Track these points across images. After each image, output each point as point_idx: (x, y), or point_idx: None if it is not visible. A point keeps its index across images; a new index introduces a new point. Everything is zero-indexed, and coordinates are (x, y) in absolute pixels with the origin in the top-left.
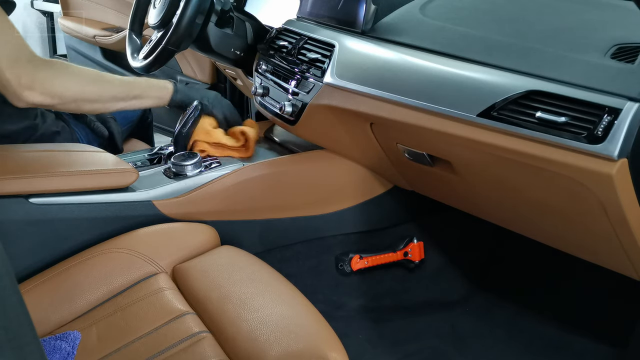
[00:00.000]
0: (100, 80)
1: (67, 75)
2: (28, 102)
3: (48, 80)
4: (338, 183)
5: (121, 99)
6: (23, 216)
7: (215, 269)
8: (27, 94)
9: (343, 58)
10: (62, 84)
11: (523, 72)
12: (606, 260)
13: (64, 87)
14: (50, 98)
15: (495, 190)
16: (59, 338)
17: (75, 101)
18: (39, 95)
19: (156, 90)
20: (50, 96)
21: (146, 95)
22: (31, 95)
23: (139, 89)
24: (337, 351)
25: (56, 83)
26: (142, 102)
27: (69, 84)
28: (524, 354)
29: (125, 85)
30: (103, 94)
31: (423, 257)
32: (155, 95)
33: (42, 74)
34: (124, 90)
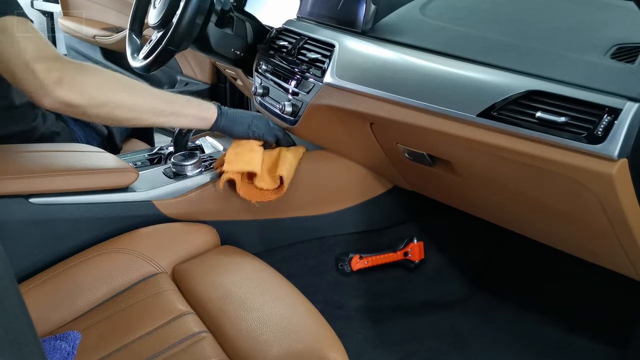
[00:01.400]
0: (135, 87)
1: (99, 76)
2: (56, 98)
3: (78, 76)
4: (338, 183)
5: (160, 112)
6: (23, 216)
7: (215, 269)
8: (56, 89)
9: (343, 58)
10: (93, 83)
11: (523, 72)
12: (606, 260)
13: (95, 87)
14: (79, 96)
15: (495, 190)
16: (59, 338)
17: (107, 104)
18: (68, 91)
19: (197, 109)
20: (80, 94)
21: (185, 112)
22: (60, 91)
23: (178, 105)
24: (337, 351)
25: (86, 81)
26: (180, 120)
27: (100, 84)
28: (524, 353)
29: (163, 98)
30: (138, 103)
31: (423, 257)
32: (195, 115)
33: (72, 71)
34: (162, 103)
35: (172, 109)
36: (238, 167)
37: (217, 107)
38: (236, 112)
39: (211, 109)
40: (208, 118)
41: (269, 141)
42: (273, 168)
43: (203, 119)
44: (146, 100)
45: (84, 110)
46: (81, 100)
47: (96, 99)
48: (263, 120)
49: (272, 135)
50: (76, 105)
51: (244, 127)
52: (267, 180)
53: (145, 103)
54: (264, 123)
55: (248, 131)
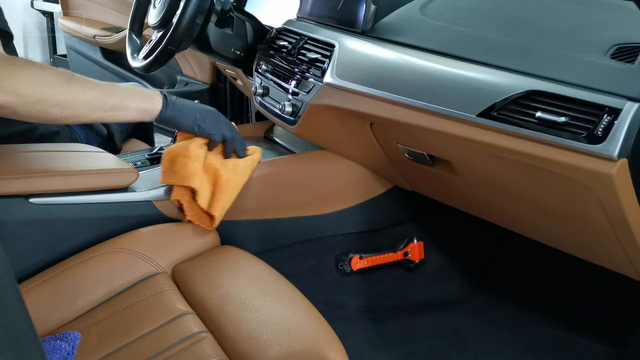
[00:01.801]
0: (70, 81)
1: (30, 72)
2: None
3: (6, 74)
4: (338, 183)
5: (97, 106)
6: (23, 216)
7: (215, 269)
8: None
9: (343, 58)
10: (23, 80)
11: (523, 72)
12: (606, 260)
13: (25, 84)
14: (7, 95)
15: (495, 190)
16: (59, 338)
17: (39, 102)
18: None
19: (140, 100)
20: (7, 93)
21: (127, 105)
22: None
23: (118, 97)
24: (337, 351)
25: (14, 79)
26: (123, 113)
27: (30, 80)
28: (524, 353)
29: (101, 90)
30: (74, 99)
31: (423, 257)
32: (137, 107)
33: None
34: (99, 97)
35: (112, 102)
36: (173, 181)
37: (162, 97)
38: (184, 102)
39: (155, 99)
40: (152, 109)
41: (215, 140)
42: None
43: (147, 111)
44: (84, 96)
45: (13, 110)
46: (10, 100)
47: (26, 97)
48: (212, 115)
49: (219, 134)
50: (4, 105)
51: (190, 120)
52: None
53: (83, 99)
54: (212, 118)
55: (194, 126)
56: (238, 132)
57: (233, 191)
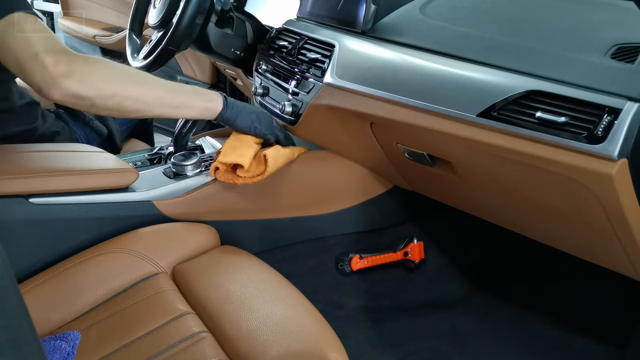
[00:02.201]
0: (142, 78)
1: (107, 68)
2: (66, 90)
3: (86, 69)
4: (338, 183)
5: (166, 103)
6: (23, 216)
7: (215, 269)
8: (65, 81)
9: (343, 58)
10: (101, 75)
11: (523, 72)
12: (606, 260)
13: (103, 78)
14: (88, 88)
15: (495, 190)
16: (59, 338)
17: (115, 96)
18: (77, 84)
19: (203, 100)
20: (88, 86)
21: (192, 104)
22: (69, 83)
23: (184, 96)
24: (337, 351)
25: (95, 73)
26: (187, 111)
27: (108, 76)
28: (524, 354)
29: (169, 89)
30: (146, 94)
31: (423, 257)
32: (201, 106)
33: (81, 63)
34: (168, 94)
35: (179, 100)
36: (230, 159)
37: (223, 98)
38: (242, 106)
39: (217, 100)
40: (214, 109)
41: (269, 140)
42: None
43: (209, 109)
44: (153, 92)
45: (92, 102)
46: (90, 92)
47: (104, 91)
48: (266, 118)
49: (273, 134)
50: (85, 97)
51: (247, 121)
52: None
53: (152, 94)
54: (266, 120)
55: (250, 126)
56: (288, 134)
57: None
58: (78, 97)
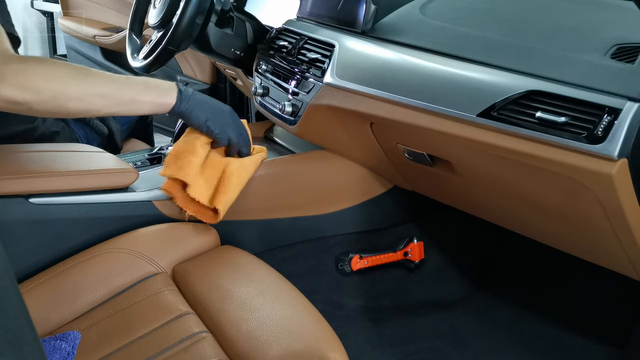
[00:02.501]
0: (85, 75)
1: (45, 68)
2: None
3: (21, 71)
4: (338, 183)
5: (115, 101)
6: (23, 216)
7: (215, 269)
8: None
9: (343, 58)
10: (38, 76)
11: (523, 72)
12: (606, 260)
13: (41, 80)
14: (23, 92)
15: (495, 190)
16: (59, 338)
17: (55, 98)
18: (10, 89)
19: (155, 94)
20: (23, 89)
21: (142, 99)
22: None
23: (133, 91)
24: (337, 351)
25: (30, 74)
26: (138, 107)
27: (46, 76)
28: (524, 354)
29: (117, 85)
30: (90, 93)
31: (423, 257)
32: (152, 101)
33: (14, 66)
34: (115, 91)
35: (127, 96)
36: (169, 173)
37: (177, 91)
38: (200, 98)
39: (171, 94)
40: (166, 103)
41: (219, 142)
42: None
43: (161, 104)
44: (99, 90)
45: (29, 107)
46: (26, 97)
47: (42, 94)
48: (223, 115)
49: (224, 137)
50: (20, 102)
51: (201, 118)
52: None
53: (97, 92)
54: (222, 119)
55: (203, 125)
56: (247, 133)
57: (236, 186)
58: (12, 102)
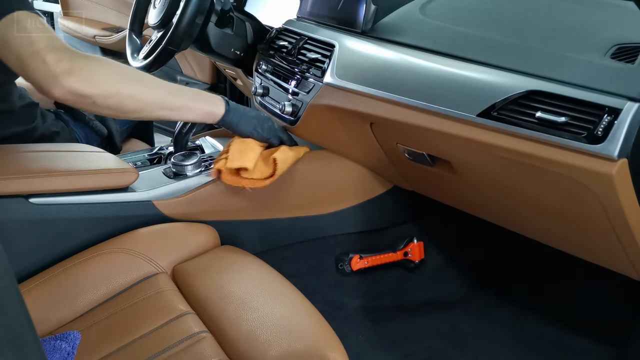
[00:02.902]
0: (143, 78)
1: (108, 66)
2: (67, 88)
3: (87, 66)
4: (338, 183)
5: (167, 105)
6: (23, 216)
7: (215, 269)
8: (66, 78)
9: (343, 58)
10: (103, 73)
11: (523, 72)
12: (606, 260)
13: (105, 77)
14: (89, 86)
15: (495, 190)
16: (59, 338)
17: (116, 95)
18: (78, 81)
19: (205, 103)
20: (89, 83)
21: (193, 106)
22: (71, 80)
23: (185, 98)
24: (337, 351)
25: (96, 71)
26: (188, 114)
27: (110, 74)
28: (524, 353)
29: (170, 90)
30: (147, 94)
31: (423, 257)
32: (202, 109)
33: (82, 61)
34: (170, 95)
35: (180, 102)
36: (236, 164)
37: (225, 102)
38: (244, 110)
39: (219, 104)
40: (216, 113)
41: (273, 144)
42: (268, 158)
43: (210, 113)
44: (155, 93)
45: (93, 100)
46: (91, 90)
47: (105, 89)
48: (268, 122)
49: (276, 138)
50: (86, 95)
51: (250, 127)
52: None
53: (153, 95)
54: (268, 125)
55: (253, 131)
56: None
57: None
58: (79, 95)
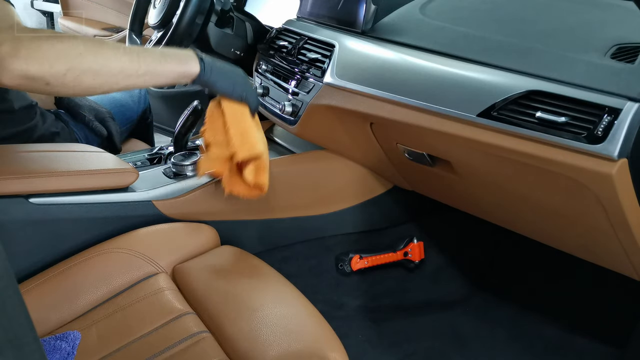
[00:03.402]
0: (100, 48)
1: (58, 41)
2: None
3: (33, 45)
4: (338, 183)
5: (132, 72)
6: (23, 216)
7: (215, 269)
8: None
9: (343, 58)
10: (52, 49)
11: (523, 72)
12: (606, 260)
13: (54, 53)
14: (38, 65)
15: (495, 190)
16: (59, 338)
17: (70, 71)
18: (25, 62)
19: (175, 64)
20: (38, 63)
21: (161, 70)
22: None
23: (151, 60)
24: (337, 351)
25: (43, 48)
26: (158, 78)
27: (60, 49)
28: (524, 354)
29: (133, 56)
30: (105, 66)
31: (423, 257)
32: (173, 70)
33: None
34: (132, 62)
35: (145, 67)
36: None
37: (198, 59)
38: (220, 65)
39: (191, 62)
40: (190, 73)
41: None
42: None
43: (183, 75)
44: (115, 62)
45: (46, 81)
46: (41, 70)
47: (56, 68)
48: (242, 75)
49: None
50: (36, 76)
51: (229, 85)
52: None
53: (114, 65)
54: (243, 80)
55: (233, 91)
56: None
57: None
58: (28, 78)
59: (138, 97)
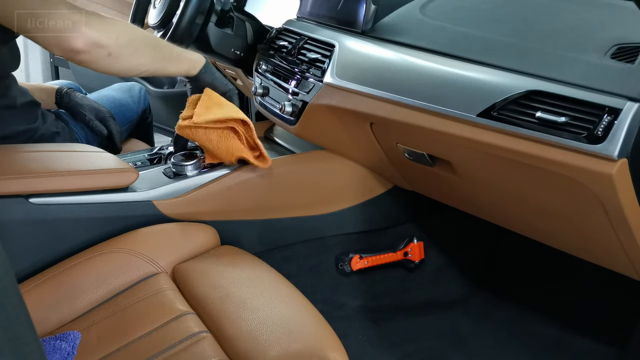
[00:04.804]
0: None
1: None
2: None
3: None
4: (338, 183)
5: (165, 56)
6: (23, 216)
7: (215, 269)
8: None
9: (343, 58)
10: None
11: (523, 72)
12: (606, 260)
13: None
14: (107, 35)
15: (495, 190)
16: (59, 338)
17: (129, 44)
18: (97, 31)
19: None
20: (107, 33)
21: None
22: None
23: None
24: (337, 351)
25: (108, 21)
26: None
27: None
28: (524, 354)
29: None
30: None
31: (423, 257)
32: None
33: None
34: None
35: (172, 53)
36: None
37: (205, 60)
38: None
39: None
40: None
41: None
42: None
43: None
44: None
45: (109, 51)
46: (108, 40)
47: (120, 39)
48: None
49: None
50: (104, 45)
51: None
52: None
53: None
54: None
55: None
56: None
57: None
58: (96, 46)
59: (138, 97)
